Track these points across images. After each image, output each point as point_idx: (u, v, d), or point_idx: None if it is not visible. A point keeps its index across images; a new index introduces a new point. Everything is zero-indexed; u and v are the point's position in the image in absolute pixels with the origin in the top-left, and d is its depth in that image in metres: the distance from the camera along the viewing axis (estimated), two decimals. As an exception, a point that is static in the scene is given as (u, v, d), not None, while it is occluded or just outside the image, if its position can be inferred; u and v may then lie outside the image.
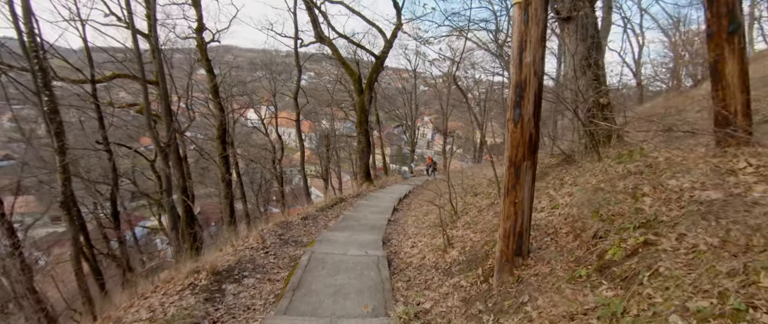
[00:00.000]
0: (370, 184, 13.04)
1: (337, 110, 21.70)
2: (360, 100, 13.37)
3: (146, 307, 3.21)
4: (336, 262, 4.12)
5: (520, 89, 2.61)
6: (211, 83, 11.40)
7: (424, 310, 3.03)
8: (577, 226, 3.04)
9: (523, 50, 2.57)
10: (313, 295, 3.32)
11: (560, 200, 3.74)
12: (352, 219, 6.78)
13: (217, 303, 3.33)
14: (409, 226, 6.21)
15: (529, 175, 2.73)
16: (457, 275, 3.46)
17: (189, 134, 17.35)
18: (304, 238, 5.61)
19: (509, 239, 2.88)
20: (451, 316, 2.86)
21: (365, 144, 13.84)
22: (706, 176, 2.66)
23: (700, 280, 1.78)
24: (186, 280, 3.78)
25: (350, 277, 3.72)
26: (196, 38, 11.54)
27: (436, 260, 4.04)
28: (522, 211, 2.79)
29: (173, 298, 3.38)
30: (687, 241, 2.10)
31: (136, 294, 3.88)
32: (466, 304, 2.95)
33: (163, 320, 2.86)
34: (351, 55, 16.18)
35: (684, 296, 1.74)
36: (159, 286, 3.93)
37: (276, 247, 5.05)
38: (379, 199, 9.34)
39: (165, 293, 3.56)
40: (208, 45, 11.74)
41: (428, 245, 4.67)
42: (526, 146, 2.67)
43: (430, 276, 3.73)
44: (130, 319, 3.00)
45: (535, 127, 2.68)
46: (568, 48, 4.85)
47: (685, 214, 2.34)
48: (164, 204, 7.98)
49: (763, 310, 1.47)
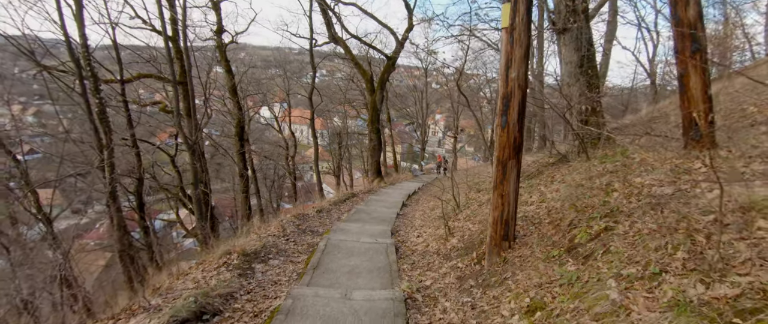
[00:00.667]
0: (381, 181, 13.63)
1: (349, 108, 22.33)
2: (372, 99, 13.96)
3: (191, 279, 3.86)
4: (349, 248, 4.73)
5: (506, 100, 3.15)
6: (229, 83, 12.14)
7: (425, 286, 3.61)
8: (557, 217, 3.57)
9: (509, 67, 3.11)
10: (330, 273, 3.93)
11: (548, 195, 4.26)
12: (363, 212, 7.39)
13: (248, 278, 3.96)
14: (416, 220, 6.78)
15: (514, 172, 3.28)
16: (455, 259, 4.03)
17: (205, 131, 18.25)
18: (319, 229, 6.24)
19: (497, 226, 3.43)
20: (447, 290, 3.42)
21: (376, 142, 14.43)
22: (666, 174, 3.17)
23: (635, 254, 2.31)
24: (220, 259, 4.43)
25: (362, 260, 4.32)
26: (216, 40, 12.28)
27: (438, 247, 4.61)
28: (508, 202, 3.33)
29: (212, 273, 4.03)
30: (635, 227, 2.62)
31: (176, 273, 4.55)
32: (460, 281, 3.51)
33: (207, 288, 3.50)
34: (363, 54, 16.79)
35: (621, 266, 2.28)
36: (195, 265, 4.60)
37: (295, 235, 5.69)
38: (388, 195, 9.92)
39: (204, 270, 4.21)
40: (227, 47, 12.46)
41: (432, 235, 5.24)
42: (511, 147, 3.21)
43: (432, 260, 4.30)
44: (180, 287, 3.66)
45: (519, 132, 3.22)
46: (564, 56, 5.33)
47: (640, 205, 2.86)
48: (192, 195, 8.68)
49: (671, 273, 2.00)
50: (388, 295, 3.27)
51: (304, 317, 2.87)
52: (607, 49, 10.91)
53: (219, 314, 3.13)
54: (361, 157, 23.69)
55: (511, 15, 3.03)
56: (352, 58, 13.78)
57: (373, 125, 14.13)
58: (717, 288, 1.72)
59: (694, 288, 1.78)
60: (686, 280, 1.86)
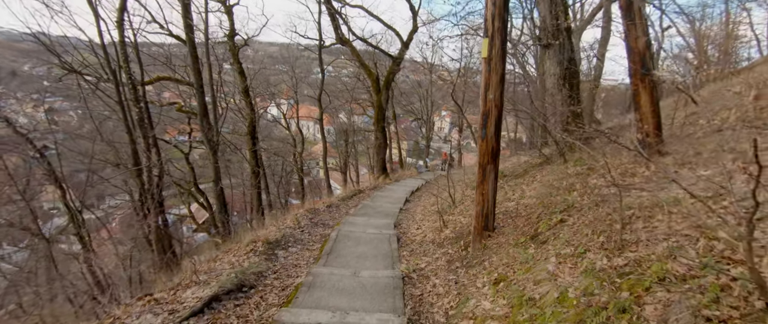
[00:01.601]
0: (386, 178, 14.47)
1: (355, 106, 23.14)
2: (377, 98, 14.76)
3: (226, 262, 4.75)
4: (357, 238, 5.59)
5: (485, 117, 3.96)
6: (242, 85, 13.03)
7: (420, 268, 4.45)
8: (529, 211, 4.38)
9: (488, 90, 3.91)
10: (341, 258, 4.79)
11: (527, 193, 5.07)
12: (369, 207, 8.24)
13: (273, 261, 4.84)
14: (417, 214, 7.62)
15: (492, 174, 4.09)
16: (447, 246, 4.86)
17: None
18: (330, 222, 7.11)
19: (479, 219, 4.26)
20: (438, 270, 4.26)
21: (382, 140, 15.25)
22: (616, 177, 3.95)
23: (573, 239, 3.13)
24: (247, 247, 5.31)
25: (368, 248, 5.17)
26: (228, 43, 13.15)
27: (434, 237, 5.44)
28: (487, 199, 4.15)
29: (242, 257, 4.91)
30: (581, 219, 3.43)
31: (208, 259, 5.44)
32: (449, 263, 4.35)
33: (241, 268, 4.37)
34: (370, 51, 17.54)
35: (561, 248, 3.09)
36: (224, 252, 5.49)
37: (309, 228, 6.56)
38: (393, 192, 10.76)
39: (235, 255, 5.10)
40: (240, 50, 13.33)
41: (430, 227, 6.08)
42: (490, 154, 4.03)
43: (427, 248, 5.14)
44: (218, 268, 4.54)
45: (496, 142, 4.03)
46: (547, 69, 6.09)
47: (588, 202, 3.66)
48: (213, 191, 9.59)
49: (591, 252, 2.81)
50: (390, 274, 4.12)
51: (322, 289, 3.73)
52: (601, 54, 11.56)
53: (254, 287, 4.00)
54: (367, 153, 24.53)
55: (489, 48, 3.83)
56: (359, 59, 14.58)
57: (379, 124, 14.96)
58: (614, 260, 2.53)
59: (601, 261, 2.60)
60: (598, 255, 2.68)
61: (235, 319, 3.30)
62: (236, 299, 3.66)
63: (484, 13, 3.85)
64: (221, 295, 3.63)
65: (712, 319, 1.69)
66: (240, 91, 13.32)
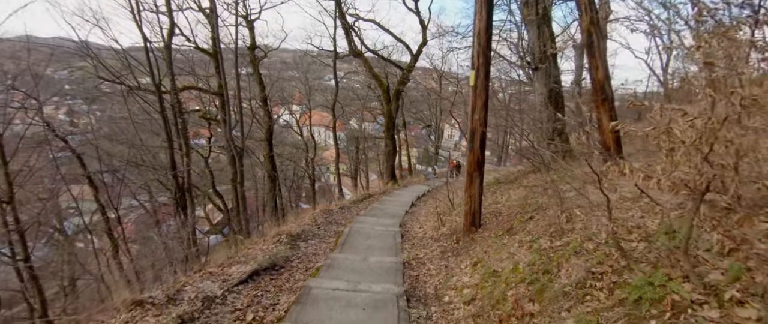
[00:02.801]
0: (395, 184, 15.54)
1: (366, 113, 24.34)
2: (388, 108, 15.90)
3: (259, 249, 5.87)
4: (367, 233, 6.66)
5: (472, 134, 5.02)
6: (261, 94, 14.32)
7: (418, 257, 5.49)
8: (510, 211, 5.41)
9: (474, 112, 4.98)
10: (353, 248, 5.86)
11: (512, 196, 6.09)
12: (378, 210, 9.32)
13: (296, 250, 5.94)
14: (420, 216, 8.67)
15: (477, 180, 5.14)
16: (442, 241, 5.90)
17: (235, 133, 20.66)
18: (342, 221, 8.20)
19: (468, 217, 5.30)
20: (433, 259, 5.30)
21: (391, 147, 16.36)
22: (580, 183, 4.95)
23: (534, 230, 4.15)
24: (273, 238, 6.43)
25: (376, 241, 6.24)
26: (249, 55, 14.48)
27: (433, 234, 6.49)
28: (474, 200, 5.20)
29: (270, 246, 6.02)
30: (543, 216, 4.45)
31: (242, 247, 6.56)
32: (442, 253, 5.38)
33: (272, 253, 5.47)
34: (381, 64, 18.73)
35: (524, 237, 4.12)
36: (254, 243, 6.61)
37: (324, 225, 7.66)
38: (400, 196, 11.82)
39: (264, 244, 6.21)
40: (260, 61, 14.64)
41: (430, 226, 7.12)
42: (475, 164, 5.08)
43: (426, 242, 6.18)
44: (252, 253, 5.66)
45: (481, 154, 5.08)
46: (536, 89, 7.13)
47: (552, 203, 4.67)
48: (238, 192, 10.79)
49: (542, 238, 3.83)
50: (393, 260, 5.18)
51: (338, 268, 4.81)
52: None
53: (283, 267, 5.10)
54: (377, 160, 25.66)
55: (475, 78, 4.90)
56: (371, 71, 15.77)
57: (389, 132, 16.08)
58: (554, 243, 3.56)
59: (545, 243, 3.63)
60: (544, 240, 3.71)
61: (272, 287, 4.40)
62: (271, 274, 4.76)
63: (472, 51, 4.93)
64: (260, 270, 4.74)
65: (594, 273, 2.72)
66: (259, 100, 14.60)
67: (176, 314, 3.32)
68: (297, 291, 4.13)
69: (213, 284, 4.22)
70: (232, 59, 16.78)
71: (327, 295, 3.85)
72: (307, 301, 3.70)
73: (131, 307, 3.43)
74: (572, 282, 2.76)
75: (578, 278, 2.76)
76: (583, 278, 2.72)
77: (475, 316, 3.24)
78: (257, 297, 4.07)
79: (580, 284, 2.69)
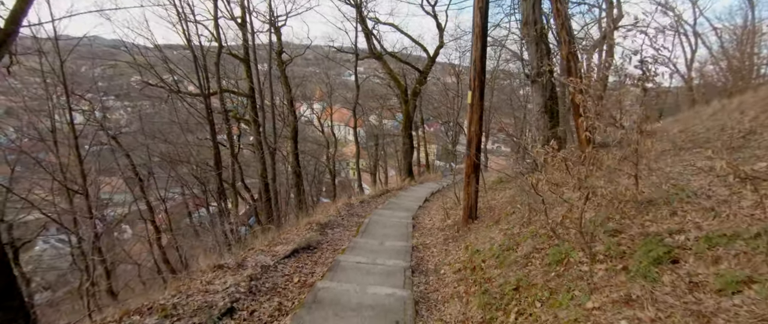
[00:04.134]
0: (412, 180, 16.91)
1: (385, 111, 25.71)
2: (405, 108, 17.25)
3: (294, 234, 7.39)
4: (384, 223, 8.09)
5: (469, 143, 6.35)
6: (287, 96, 15.92)
7: (425, 242, 6.88)
8: (502, 207, 6.72)
9: (470, 125, 6.30)
10: (372, 235, 7.30)
11: (508, 194, 7.39)
12: (394, 204, 10.74)
13: (325, 236, 7.43)
14: (431, 210, 10.04)
15: (473, 180, 6.47)
16: (446, 231, 7.27)
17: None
18: (362, 213, 9.66)
19: (466, 211, 6.64)
20: (436, 244, 6.68)
21: (409, 145, 17.73)
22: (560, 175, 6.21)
23: (513, 220, 5.47)
24: (305, 227, 7.94)
25: (391, 230, 7.66)
26: (276, 60, 16.07)
27: (439, 225, 7.86)
28: (471, 197, 6.53)
29: (303, 232, 7.53)
30: (523, 210, 5.75)
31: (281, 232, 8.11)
32: (445, 240, 6.76)
33: (306, 237, 6.96)
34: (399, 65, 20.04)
35: (505, 226, 5.45)
36: (288, 231, 8.15)
37: (347, 216, 9.14)
38: (416, 192, 13.19)
39: (297, 231, 7.73)
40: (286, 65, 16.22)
41: (438, 219, 8.49)
42: (471, 167, 6.41)
43: (433, 232, 7.56)
44: (290, 237, 7.17)
45: (477, 158, 6.40)
46: (533, 99, 8.34)
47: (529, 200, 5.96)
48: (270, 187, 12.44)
49: (515, 226, 5.15)
50: (404, 244, 6.59)
51: (360, 249, 6.26)
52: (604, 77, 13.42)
53: (316, 248, 6.59)
54: (395, 155, 27.06)
55: (471, 98, 6.22)
56: (390, 73, 17.12)
57: (406, 131, 17.44)
58: (522, 230, 4.89)
59: (515, 230, 4.96)
60: (516, 228, 5.04)
61: (309, 261, 5.89)
62: (307, 252, 6.26)
63: (469, 74, 6.24)
64: (298, 249, 6.24)
65: (538, 248, 4.05)
66: (285, 101, 16.22)
67: (246, 274, 4.84)
68: (329, 264, 5.61)
69: (266, 257, 5.74)
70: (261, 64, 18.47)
71: (352, 266, 5.31)
72: (337, 269, 5.17)
73: (214, 268, 4.98)
74: (522, 254, 4.11)
75: (526, 252, 4.10)
76: (529, 252, 4.07)
77: (458, 280, 4.63)
78: (299, 267, 5.57)
79: (526, 255, 4.04)
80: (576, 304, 2.67)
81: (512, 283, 3.59)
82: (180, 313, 3.62)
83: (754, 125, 7.28)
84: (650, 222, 3.51)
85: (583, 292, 2.78)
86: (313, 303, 3.98)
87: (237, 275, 4.80)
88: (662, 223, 3.41)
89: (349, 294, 4.21)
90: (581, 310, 2.58)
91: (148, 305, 3.68)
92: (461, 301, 4.05)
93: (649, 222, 3.51)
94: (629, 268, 2.86)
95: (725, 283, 2.31)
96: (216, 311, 3.79)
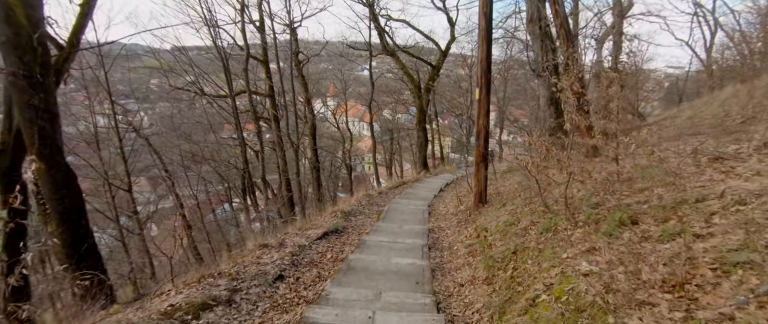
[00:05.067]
0: (427, 172, 17.77)
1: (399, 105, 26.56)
2: (419, 102, 18.08)
3: (322, 221, 8.37)
4: (402, 210, 9.01)
5: (478, 135, 7.19)
6: (305, 95, 16.93)
7: (440, 225, 7.78)
8: (509, 191, 7.56)
9: (479, 118, 7.14)
10: (391, 220, 8.23)
11: (514, 180, 8.21)
12: (411, 194, 11.64)
13: (349, 222, 8.39)
14: (445, 198, 10.91)
15: (483, 169, 7.32)
16: (459, 215, 8.14)
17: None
18: (381, 202, 10.59)
19: (476, 196, 7.50)
20: (450, 226, 7.57)
21: (423, 139, 18.57)
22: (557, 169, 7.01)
23: (516, 202, 6.32)
24: (330, 214, 8.92)
25: (409, 216, 8.57)
26: (294, 59, 17.07)
27: (453, 211, 8.73)
28: (481, 183, 7.39)
29: (329, 219, 8.50)
30: (527, 193, 6.58)
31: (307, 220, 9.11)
32: (458, 223, 7.63)
33: (333, 223, 7.93)
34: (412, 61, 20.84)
35: (509, 207, 6.31)
36: (315, 218, 9.15)
37: (367, 205, 10.09)
38: (431, 183, 14.06)
39: (323, 218, 8.71)
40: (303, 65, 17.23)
41: (452, 205, 9.36)
42: (480, 156, 7.26)
43: (447, 216, 8.44)
44: (319, 223, 8.15)
45: (485, 149, 7.24)
46: (539, 92, 9.10)
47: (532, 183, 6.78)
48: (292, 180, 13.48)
49: (517, 207, 5.99)
50: (421, 227, 7.50)
51: (382, 231, 7.19)
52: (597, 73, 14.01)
53: (342, 232, 7.55)
54: (410, 150, 27.93)
55: (479, 93, 7.05)
56: (403, 69, 17.96)
57: (420, 125, 18.28)
58: (523, 208, 5.73)
59: (519, 210, 5.81)
60: (518, 208, 5.88)
61: (338, 242, 6.85)
62: (335, 235, 7.23)
63: (477, 72, 7.07)
64: (328, 232, 7.21)
65: (534, 221, 4.90)
66: (303, 100, 17.25)
67: (287, 252, 5.82)
68: (356, 243, 6.56)
69: (301, 239, 6.72)
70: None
71: (376, 244, 6.25)
72: (364, 246, 6.12)
73: (260, 247, 5.98)
74: (521, 227, 4.97)
75: (525, 225, 4.96)
76: (527, 225, 4.93)
77: (468, 253, 5.51)
78: (330, 246, 6.53)
79: (525, 228, 4.90)
80: (555, 257, 3.53)
81: (511, 249, 4.46)
82: (242, 278, 4.61)
83: (756, 111, 7.96)
84: (626, 195, 4.32)
85: (562, 248, 3.64)
86: (347, 270, 4.93)
87: (280, 252, 5.79)
88: (634, 196, 4.23)
89: (377, 263, 5.15)
90: (558, 260, 3.44)
91: (217, 272, 4.68)
92: (470, 267, 4.95)
93: (626, 195, 4.33)
94: (600, 229, 3.71)
95: (664, 235, 3.14)
96: (269, 277, 4.77)
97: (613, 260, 3.00)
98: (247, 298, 4.16)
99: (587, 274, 2.93)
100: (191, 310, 3.60)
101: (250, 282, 4.55)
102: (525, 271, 3.76)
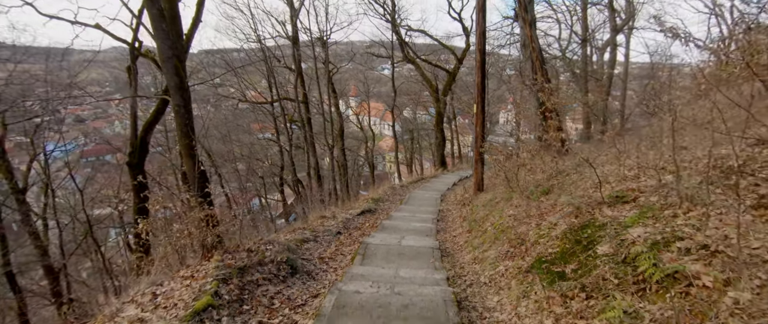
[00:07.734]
0: (445, 170, 20.89)
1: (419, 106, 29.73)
2: (437, 106, 21.20)
3: (356, 205, 11.67)
4: (419, 198, 12.24)
5: (474, 139, 10.33)
6: (334, 100, 20.29)
7: (448, 208, 10.96)
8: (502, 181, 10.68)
9: (476, 127, 10.28)
10: (411, 204, 11.45)
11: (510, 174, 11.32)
12: (428, 187, 14.85)
13: (378, 205, 11.63)
14: (457, 190, 14.06)
15: (480, 164, 10.46)
16: (463, 201, 11.30)
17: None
18: (403, 193, 13.82)
19: (475, 185, 10.66)
20: (454, 209, 10.74)
21: (441, 139, 21.69)
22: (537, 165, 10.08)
23: (501, 188, 9.45)
24: (363, 200, 12.21)
25: (425, 202, 11.78)
26: (324, 70, 20.45)
27: (459, 198, 11.89)
28: (478, 175, 10.54)
29: (362, 204, 11.75)
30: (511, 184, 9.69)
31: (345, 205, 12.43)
32: (461, 206, 10.80)
33: (365, 206, 11.17)
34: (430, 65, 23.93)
35: (495, 194, 9.44)
36: (351, 204, 12.47)
37: (392, 195, 13.34)
38: (446, 178, 17.21)
39: (357, 204, 12.00)
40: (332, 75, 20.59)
41: (459, 194, 12.51)
42: (477, 155, 10.40)
43: (454, 202, 11.61)
44: (354, 206, 11.43)
45: (482, 148, 10.38)
46: (531, 102, 12.16)
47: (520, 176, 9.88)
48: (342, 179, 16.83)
49: (498, 193, 9.10)
50: (433, 208, 10.70)
51: (404, 211, 10.42)
52: (609, 74, 16.75)
53: (374, 212, 10.80)
54: (429, 148, 31.07)
55: (475, 108, 10.18)
56: (423, 75, 21.13)
57: (438, 126, 21.41)
58: (502, 195, 8.86)
59: (500, 195, 8.94)
60: (501, 193, 9.02)
61: (372, 217, 10.11)
62: (369, 213, 10.49)
63: (474, 92, 10.19)
64: (364, 211, 10.49)
65: (504, 198, 8.04)
66: (332, 105, 20.65)
67: (339, 220, 9.11)
68: (385, 217, 9.80)
69: (347, 214, 10.01)
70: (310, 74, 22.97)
71: (400, 217, 9.49)
72: (391, 217, 9.37)
73: (320, 218, 9.30)
74: (495, 202, 8.12)
75: (498, 200, 8.11)
76: (498, 200, 8.07)
77: (461, 221, 8.69)
78: (367, 219, 9.80)
79: (497, 202, 8.05)
80: (502, 211, 6.69)
81: (484, 214, 7.62)
82: (318, 232, 7.92)
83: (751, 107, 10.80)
84: (559, 181, 7.41)
85: (508, 207, 6.79)
86: (382, 229, 8.19)
87: (335, 221, 9.10)
88: (563, 179, 7.33)
89: (400, 226, 8.40)
90: (501, 213, 6.60)
91: (300, 228, 8.01)
92: (460, 227, 8.13)
93: (555, 180, 7.42)
94: (530, 197, 6.84)
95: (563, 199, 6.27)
96: (333, 231, 8.08)
97: (524, 208, 6.16)
98: (324, 240, 7.48)
99: (510, 215, 6.10)
100: (298, 242, 6.92)
101: (322, 234, 7.86)
102: (485, 219, 6.94)
